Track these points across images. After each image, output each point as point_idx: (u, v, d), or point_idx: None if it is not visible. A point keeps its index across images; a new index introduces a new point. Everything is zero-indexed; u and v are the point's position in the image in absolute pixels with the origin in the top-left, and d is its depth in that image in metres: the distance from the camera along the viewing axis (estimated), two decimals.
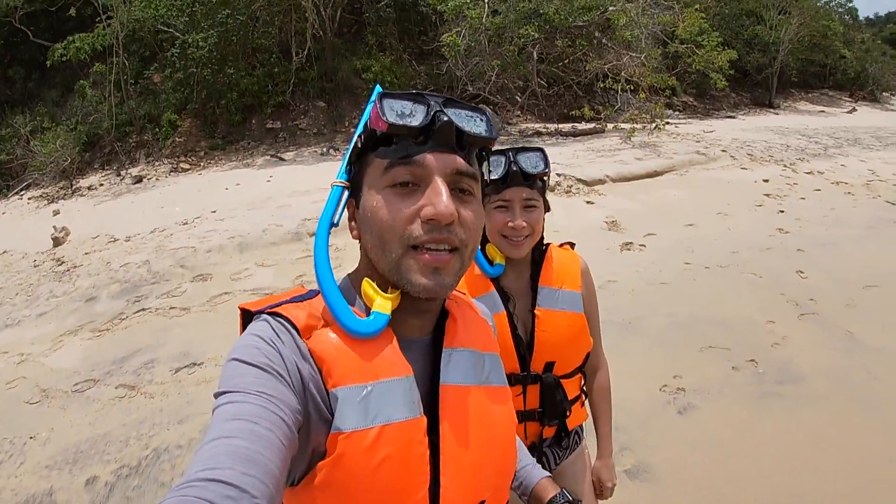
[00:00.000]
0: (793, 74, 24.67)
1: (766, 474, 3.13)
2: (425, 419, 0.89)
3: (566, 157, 10.78)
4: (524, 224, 1.60)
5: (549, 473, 1.27)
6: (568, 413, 1.72)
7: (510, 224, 1.60)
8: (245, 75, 13.16)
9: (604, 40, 14.30)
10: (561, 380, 1.69)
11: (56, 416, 3.92)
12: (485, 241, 1.69)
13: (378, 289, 0.92)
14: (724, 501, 2.94)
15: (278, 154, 12.27)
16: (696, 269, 5.81)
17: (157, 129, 13.23)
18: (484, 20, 13.10)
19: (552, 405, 1.67)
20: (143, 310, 5.32)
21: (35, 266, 6.90)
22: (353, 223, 0.98)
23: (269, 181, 9.89)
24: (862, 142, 14.49)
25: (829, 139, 14.50)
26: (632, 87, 13.11)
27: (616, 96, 14.12)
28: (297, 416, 0.80)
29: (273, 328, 0.86)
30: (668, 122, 13.22)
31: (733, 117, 18.69)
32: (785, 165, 10.85)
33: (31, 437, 3.72)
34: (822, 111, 22.61)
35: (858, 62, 27.07)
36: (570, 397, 1.72)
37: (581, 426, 1.86)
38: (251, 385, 0.78)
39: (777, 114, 20.87)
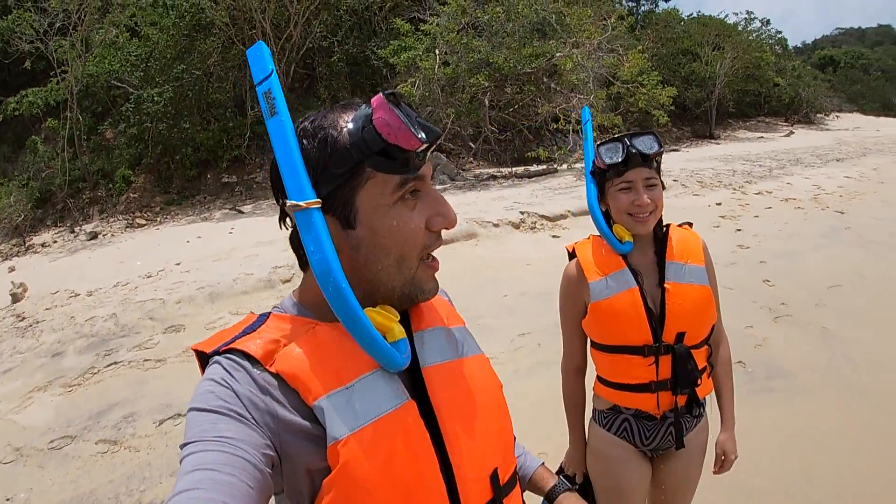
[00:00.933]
0: (730, 105, 26.04)
1: (768, 466, 3.18)
2: (414, 403, 0.87)
3: (525, 196, 10.96)
4: (648, 201, 1.71)
5: (542, 461, 1.27)
6: (699, 382, 1.79)
7: (636, 202, 1.72)
8: (200, 130, 13.08)
9: (552, 84, 14.74)
10: (691, 350, 1.76)
11: (33, 475, 3.66)
12: (610, 221, 1.82)
13: (387, 315, 0.89)
14: (732, 498, 2.96)
15: (237, 207, 12.12)
16: None
17: (111, 185, 12.95)
18: (436, 71, 13.38)
19: (684, 374, 1.74)
20: (115, 363, 5.08)
21: None
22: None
23: (231, 232, 9.73)
24: (803, 161, 15.23)
25: (772, 161, 15.20)
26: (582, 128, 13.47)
27: (565, 137, 14.52)
28: (264, 451, 0.77)
29: (225, 367, 0.82)
30: None
31: (677, 150, 19.40)
32: (734, 189, 11.27)
33: (6, 500, 3.46)
34: (761, 137, 23.73)
35: (791, 88, 28.58)
36: (699, 367, 1.79)
37: (705, 398, 1.90)
38: (208, 432, 0.75)
39: (718, 144, 21.77)
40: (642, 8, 26.97)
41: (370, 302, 0.89)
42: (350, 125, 0.84)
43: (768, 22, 28.40)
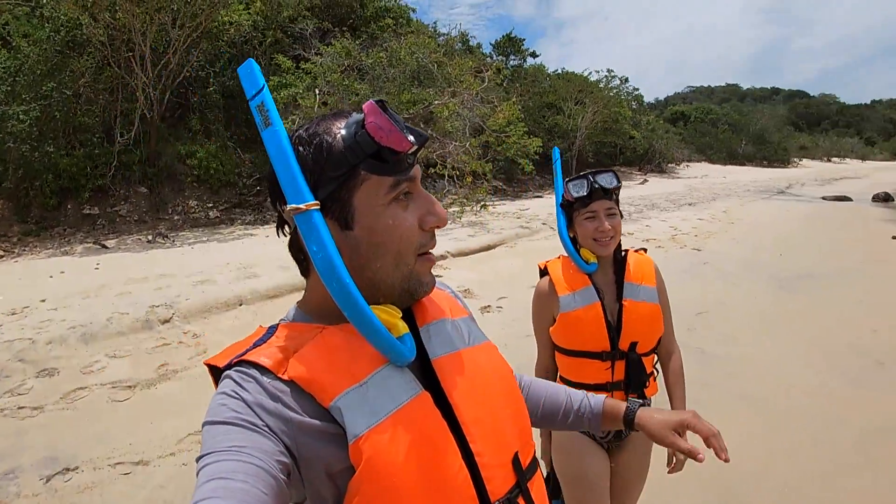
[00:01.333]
0: (589, 156, 28.06)
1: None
2: (428, 394, 0.91)
3: None
4: (609, 227, 2.05)
5: (607, 394, 1.52)
6: (647, 384, 2.14)
7: (599, 229, 2.06)
8: (65, 155, 12.23)
9: (428, 130, 15.23)
10: (641, 357, 2.10)
11: None
12: (577, 246, 2.17)
13: (390, 311, 0.93)
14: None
15: (100, 241, 11.47)
16: None
17: None
18: (316, 109, 13.47)
19: (636, 377, 2.09)
20: None
21: None
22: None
23: (97, 268, 9.27)
24: (658, 206, 16.95)
25: (630, 206, 16.72)
26: (457, 173, 14.08)
27: (435, 183, 15.02)
28: (277, 458, 0.79)
29: (235, 380, 0.85)
30: (486, 204, 14.29)
31: (541, 197, 20.58)
32: None
33: None
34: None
35: (646, 140, 31.49)
36: (647, 371, 2.13)
37: (650, 398, 2.22)
38: (221, 443, 0.78)
39: None
40: (511, 62, 28.42)
41: (372, 302, 0.92)
42: (343, 130, 0.89)
43: (627, 80, 31.15)
